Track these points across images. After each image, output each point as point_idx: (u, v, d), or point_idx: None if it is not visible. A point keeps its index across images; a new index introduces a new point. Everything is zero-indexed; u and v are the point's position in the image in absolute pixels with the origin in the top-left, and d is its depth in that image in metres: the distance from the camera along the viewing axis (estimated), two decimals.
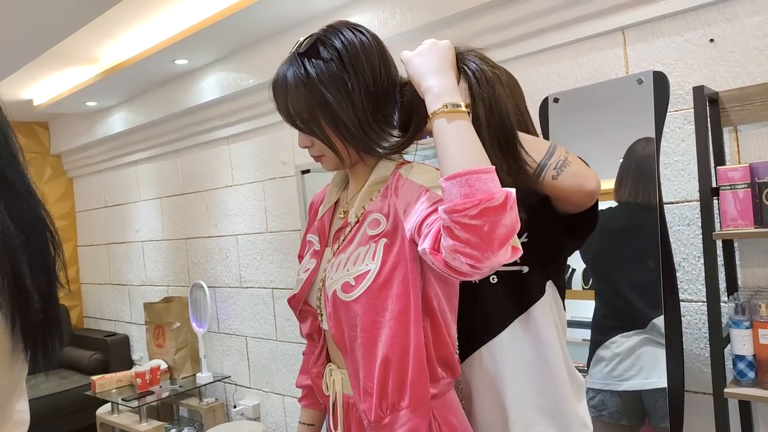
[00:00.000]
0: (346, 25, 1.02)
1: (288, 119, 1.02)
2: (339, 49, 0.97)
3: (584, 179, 1.02)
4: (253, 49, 2.93)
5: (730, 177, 1.52)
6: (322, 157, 1.05)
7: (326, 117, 0.98)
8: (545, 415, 1.18)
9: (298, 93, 0.98)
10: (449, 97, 0.84)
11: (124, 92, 3.64)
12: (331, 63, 0.97)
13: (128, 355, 4.25)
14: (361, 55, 0.98)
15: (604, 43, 1.94)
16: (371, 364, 0.96)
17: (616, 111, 1.77)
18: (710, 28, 1.74)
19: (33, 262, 0.53)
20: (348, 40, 0.99)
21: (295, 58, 0.99)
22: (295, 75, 0.98)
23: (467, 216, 0.74)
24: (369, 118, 0.98)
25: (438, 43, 0.92)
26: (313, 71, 0.97)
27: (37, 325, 0.53)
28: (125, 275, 4.37)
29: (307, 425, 1.24)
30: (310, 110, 0.98)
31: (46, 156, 4.69)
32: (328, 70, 0.97)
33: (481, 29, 2.15)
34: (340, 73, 0.97)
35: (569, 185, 1.03)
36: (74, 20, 2.53)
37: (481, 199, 0.75)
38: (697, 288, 1.79)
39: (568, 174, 1.02)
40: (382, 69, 1.01)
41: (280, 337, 3.19)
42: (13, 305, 0.51)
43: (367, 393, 0.97)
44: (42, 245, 0.55)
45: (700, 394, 1.76)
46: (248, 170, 3.31)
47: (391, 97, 1.02)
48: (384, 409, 0.96)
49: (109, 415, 3.28)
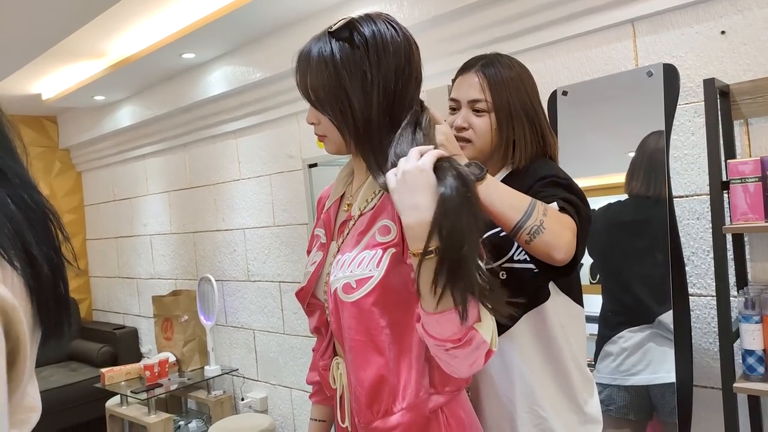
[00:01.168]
0: (383, 18, 1.01)
1: (303, 92, 1.02)
2: (368, 38, 0.97)
3: (554, 250, 1.03)
4: (260, 43, 2.93)
5: (741, 170, 1.50)
6: (325, 138, 1.04)
7: (338, 101, 0.98)
8: (553, 412, 1.18)
9: (319, 70, 0.97)
10: (418, 243, 0.84)
11: (131, 86, 3.65)
12: (357, 50, 0.97)
13: (137, 347, 4.28)
14: (389, 49, 0.98)
15: (614, 35, 1.93)
16: (362, 370, 0.96)
17: (625, 104, 1.75)
18: (721, 19, 1.72)
19: (38, 236, 0.53)
20: (379, 32, 0.98)
21: (324, 36, 0.99)
22: (320, 52, 0.98)
23: (442, 350, 0.87)
24: (378, 117, 0.97)
25: (408, 173, 0.85)
26: (337, 53, 0.96)
27: (49, 299, 0.52)
28: (134, 269, 4.39)
29: (319, 421, 1.24)
30: (325, 89, 0.98)
31: (55, 150, 4.71)
32: (352, 57, 0.96)
33: (489, 22, 2.13)
34: (362, 62, 0.96)
35: (540, 252, 1.04)
36: (82, 14, 2.54)
37: (445, 340, 0.85)
38: (707, 282, 1.77)
39: (540, 242, 1.03)
40: (406, 70, 0.99)
41: (288, 330, 3.20)
42: (25, 272, 0.51)
43: (357, 397, 0.98)
44: (44, 223, 0.54)
45: (709, 389, 1.75)
46: (255, 164, 3.31)
47: (407, 102, 1.01)
48: (375, 412, 0.96)
49: (118, 407, 3.31)
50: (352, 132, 0.99)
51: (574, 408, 1.20)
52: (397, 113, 0.99)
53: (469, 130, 1.22)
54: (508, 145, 1.22)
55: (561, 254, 1.04)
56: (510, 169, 1.24)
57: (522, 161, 1.22)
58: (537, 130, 1.23)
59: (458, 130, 1.24)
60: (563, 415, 1.18)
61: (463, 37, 2.22)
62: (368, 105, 0.97)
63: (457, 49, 2.24)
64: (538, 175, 1.17)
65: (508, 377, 1.18)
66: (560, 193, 1.11)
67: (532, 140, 1.22)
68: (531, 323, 1.17)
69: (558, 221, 1.05)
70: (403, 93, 1.00)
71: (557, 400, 1.18)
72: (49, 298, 0.52)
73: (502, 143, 1.22)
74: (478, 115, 1.22)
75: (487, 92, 1.21)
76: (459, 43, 2.24)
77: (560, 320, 1.18)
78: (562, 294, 1.20)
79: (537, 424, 1.17)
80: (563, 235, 1.03)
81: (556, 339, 1.18)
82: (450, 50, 2.27)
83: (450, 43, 2.27)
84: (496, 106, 1.21)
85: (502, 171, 1.26)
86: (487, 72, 1.22)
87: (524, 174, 1.21)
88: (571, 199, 1.10)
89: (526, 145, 1.22)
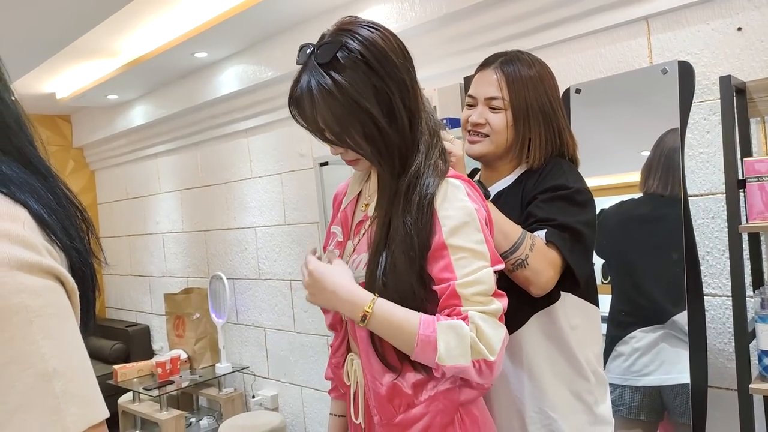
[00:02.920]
0: (359, 24, 0.96)
1: (316, 132, 0.97)
2: (362, 52, 0.92)
3: (532, 285, 1.10)
4: (272, 42, 2.93)
5: (757, 169, 1.48)
6: (356, 161, 1.02)
7: (360, 125, 0.93)
8: (562, 412, 1.17)
9: (327, 105, 0.92)
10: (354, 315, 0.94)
11: (144, 85, 3.68)
12: (359, 68, 0.92)
13: (149, 345, 4.32)
14: (385, 52, 0.94)
15: (628, 32, 1.91)
16: (382, 366, 0.97)
17: (639, 102, 1.73)
18: (738, 16, 1.70)
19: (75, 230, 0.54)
20: (367, 40, 0.93)
21: (315, 68, 0.93)
22: (320, 86, 0.92)
23: None
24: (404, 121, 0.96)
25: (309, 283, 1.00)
26: (341, 80, 0.91)
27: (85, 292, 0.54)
28: (146, 266, 4.42)
29: (339, 416, 1.24)
30: (340, 122, 0.93)
31: (69, 149, 4.76)
32: (356, 76, 0.92)
33: (501, 20, 2.12)
34: (367, 77, 0.92)
35: (519, 282, 1.12)
36: (95, 14, 2.56)
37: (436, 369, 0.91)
38: (722, 282, 1.75)
39: (520, 275, 1.10)
40: (406, 64, 0.98)
41: (298, 328, 3.21)
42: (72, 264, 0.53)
43: (377, 393, 0.98)
44: (77, 218, 0.56)
45: (724, 390, 1.73)
46: (267, 163, 3.32)
47: (419, 95, 1.00)
48: (396, 407, 0.96)
49: (131, 404, 3.33)
50: (382, 147, 0.96)
51: (584, 408, 1.19)
52: (414, 107, 0.99)
53: (486, 126, 1.22)
54: (524, 143, 1.22)
55: (537, 291, 1.11)
56: (525, 167, 1.24)
57: (537, 160, 1.21)
58: (554, 129, 1.22)
59: (474, 126, 1.23)
60: (573, 415, 1.18)
61: (475, 35, 2.21)
62: (392, 116, 0.95)
63: (469, 47, 2.23)
64: (545, 184, 1.17)
65: (518, 377, 1.18)
66: (558, 215, 1.12)
67: (548, 139, 1.21)
68: (540, 324, 1.17)
69: (543, 258, 1.09)
70: (412, 87, 0.99)
71: (567, 400, 1.18)
72: (84, 290, 0.53)
73: (518, 141, 1.22)
74: (494, 111, 1.21)
75: (505, 90, 1.20)
76: (470, 41, 2.23)
77: (570, 321, 1.18)
78: (574, 295, 1.20)
79: (546, 425, 1.17)
80: (544, 273, 1.09)
81: (566, 340, 1.17)
82: (461, 48, 2.26)
83: (461, 41, 2.26)
84: (512, 104, 1.20)
85: (518, 170, 1.25)
86: (506, 69, 1.22)
87: (537, 177, 1.20)
88: (566, 224, 1.11)
89: (542, 144, 1.21)
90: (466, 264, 0.91)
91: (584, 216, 1.14)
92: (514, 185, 1.24)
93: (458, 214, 0.93)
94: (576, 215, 1.12)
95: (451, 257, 0.91)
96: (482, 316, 0.90)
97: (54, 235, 0.51)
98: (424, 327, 0.88)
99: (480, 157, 1.26)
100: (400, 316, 0.90)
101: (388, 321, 0.91)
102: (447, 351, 0.88)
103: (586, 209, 1.16)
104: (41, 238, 0.49)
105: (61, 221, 0.52)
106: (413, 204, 0.93)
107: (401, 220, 0.93)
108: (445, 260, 0.91)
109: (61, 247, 0.51)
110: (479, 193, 1.00)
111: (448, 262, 0.91)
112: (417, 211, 0.93)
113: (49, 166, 0.56)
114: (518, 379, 1.18)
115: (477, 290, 0.91)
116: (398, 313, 0.91)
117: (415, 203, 0.93)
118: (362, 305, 0.92)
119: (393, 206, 0.96)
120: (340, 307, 0.96)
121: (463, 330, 0.88)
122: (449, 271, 0.91)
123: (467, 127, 1.26)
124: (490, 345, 0.89)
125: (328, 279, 0.96)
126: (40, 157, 0.56)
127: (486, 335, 0.89)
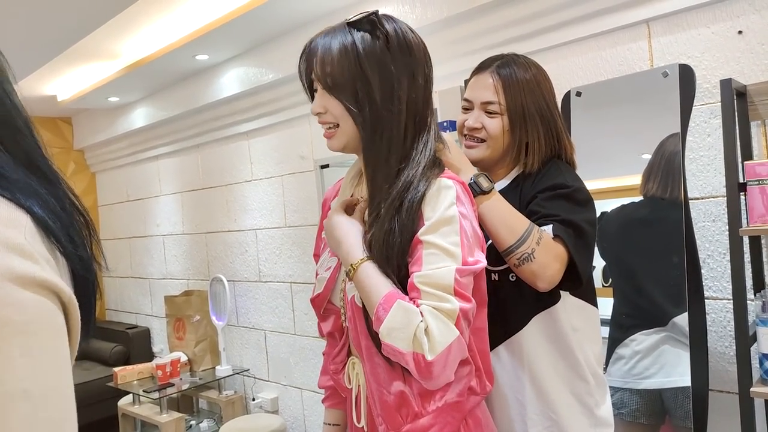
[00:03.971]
0: (397, 19, 1.02)
1: (319, 77, 0.98)
2: (389, 34, 0.97)
3: (539, 280, 1.07)
4: (273, 45, 2.94)
5: (758, 172, 1.48)
6: (331, 130, 1.01)
7: (359, 88, 0.96)
8: (563, 414, 1.17)
9: (340, 57, 0.96)
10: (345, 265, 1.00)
11: (145, 88, 3.68)
12: (379, 42, 0.96)
13: (149, 347, 4.31)
14: (412, 48, 0.99)
15: (628, 35, 1.91)
16: (389, 374, 0.96)
17: (640, 105, 1.74)
18: (738, 19, 1.70)
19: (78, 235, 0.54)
20: (401, 30, 0.99)
21: (343, 28, 0.98)
22: (341, 43, 0.97)
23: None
24: (402, 115, 0.97)
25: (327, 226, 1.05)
26: (360, 44, 0.96)
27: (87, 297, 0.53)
28: (146, 269, 4.42)
29: (333, 426, 1.22)
30: (344, 75, 0.96)
31: (70, 151, 4.76)
32: (375, 49, 0.96)
33: (502, 22, 2.12)
34: (384, 55, 0.96)
35: (525, 277, 1.09)
36: (96, 16, 2.56)
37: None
38: (722, 285, 1.75)
39: (527, 269, 1.07)
40: (426, 71, 1.01)
41: (299, 331, 3.21)
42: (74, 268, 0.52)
43: (383, 402, 0.97)
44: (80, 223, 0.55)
45: (725, 394, 1.73)
46: (267, 165, 3.32)
47: (429, 104, 1.02)
48: (404, 416, 0.96)
49: (131, 406, 3.33)
50: (368, 123, 0.97)
51: (584, 411, 1.19)
52: (419, 107, 0.99)
53: (482, 130, 1.22)
54: (521, 147, 1.22)
55: (544, 285, 1.08)
56: (521, 169, 1.24)
57: (535, 164, 1.21)
58: (552, 133, 1.22)
59: (470, 130, 1.23)
60: (574, 417, 1.18)
61: (476, 38, 2.22)
62: (390, 99, 0.96)
63: (470, 50, 2.23)
64: (544, 184, 1.17)
65: (518, 379, 1.18)
66: (561, 212, 1.11)
67: (547, 143, 1.21)
68: (541, 325, 1.17)
69: (549, 252, 1.07)
70: (424, 89, 1.00)
71: (568, 402, 1.18)
72: (86, 296, 0.53)
73: (515, 145, 1.21)
74: (490, 116, 1.21)
75: (501, 94, 1.20)
76: (472, 44, 2.23)
77: (571, 322, 1.18)
78: (573, 296, 1.20)
79: (547, 426, 1.17)
80: (550, 267, 1.07)
81: (567, 341, 1.17)
82: (463, 51, 2.26)
83: (463, 44, 2.26)
84: (509, 109, 1.20)
85: (513, 171, 1.25)
86: (502, 73, 1.21)
87: (534, 177, 1.20)
88: (570, 220, 1.10)
89: (540, 147, 1.21)
90: (433, 261, 0.90)
91: (586, 214, 1.14)
92: (510, 187, 1.24)
93: (441, 213, 0.93)
94: (578, 213, 1.12)
95: (423, 251, 0.92)
96: (433, 311, 0.87)
97: (58, 241, 0.50)
98: (385, 300, 0.89)
99: (477, 162, 1.26)
100: (374, 282, 0.92)
101: (364, 283, 0.93)
102: (389, 329, 0.87)
103: (586, 208, 1.16)
104: (42, 246, 0.48)
105: (65, 227, 0.52)
106: (404, 207, 0.94)
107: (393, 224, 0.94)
108: (417, 254, 0.92)
109: (64, 253, 0.51)
110: (470, 198, 1.00)
111: (419, 255, 0.92)
112: (406, 213, 0.94)
113: (57, 171, 0.56)
114: (519, 380, 1.17)
115: (434, 285, 0.88)
116: (375, 279, 0.93)
117: (406, 205, 0.95)
118: (352, 261, 0.96)
119: (387, 213, 0.96)
120: (340, 255, 1.01)
121: (415, 317, 0.86)
122: (418, 265, 0.91)
123: (463, 132, 1.26)
124: (433, 343, 0.85)
125: (338, 227, 1.01)
126: (48, 161, 0.55)
127: (432, 333, 0.86)
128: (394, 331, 0.87)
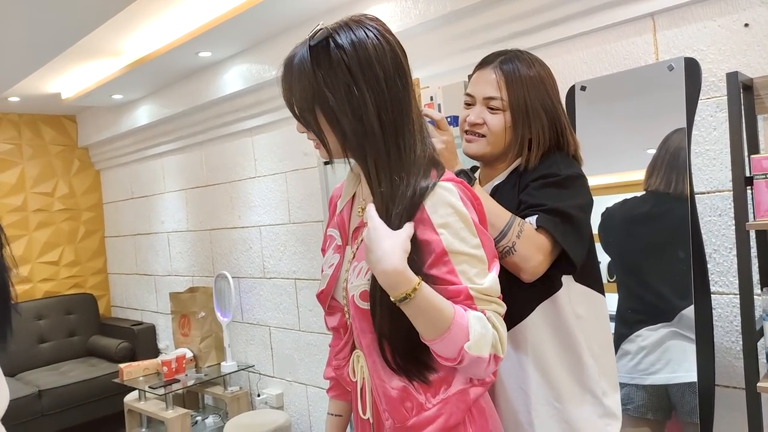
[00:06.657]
0: (363, 23, 0.97)
1: (288, 104, 1.01)
2: (347, 51, 0.94)
3: (521, 271, 1.11)
4: (276, 41, 2.93)
5: (765, 166, 1.47)
6: (318, 146, 1.04)
7: (325, 115, 0.96)
8: (569, 403, 1.17)
9: (300, 83, 0.96)
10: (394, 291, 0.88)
11: (149, 85, 3.69)
12: (339, 65, 0.94)
13: (154, 343, 4.33)
14: (372, 60, 0.94)
15: (633, 29, 1.90)
16: (390, 371, 0.97)
17: (645, 99, 1.72)
18: (745, 12, 1.69)
19: None
20: (359, 42, 0.94)
21: (303, 47, 0.98)
22: (301, 64, 0.96)
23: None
24: (377, 129, 0.95)
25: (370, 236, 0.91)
26: (318, 69, 0.94)
27: None
28: (151, 265, 4.44)
29: (336, 416, 1.24)
30: (308, 103, 0.96)
31: (74, 149, 4.77)
32: (333, 74, 0.94)
33: (506, 17, 2.11)
34: (345, 77, 0.93)
35: (508, 268, 1.11)
36: (100, 14, 2.56)
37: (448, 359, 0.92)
38: (729, 280, 1.74)
39: (509, 261, 1.10)
40: (395, 78, 0.96)
41: (303, 327, 3.21)
42: None
43: (388, 397, 0.98)
44: None
45: (731, 389, 1.72)
46: (271, 162, 3.32)
47: (403, 108, 0.97)
48: (408, 410, 0.96)
49: (137, 402, 3.34)
50: (349, 135, 0.96)
51: (591, 399, 1.19)
52: (398, 121, 0.97)
53: (483, 126, 1.21)
54: (524, 143, 1.21)
55: (527, 276, 1.10)
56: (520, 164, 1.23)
57: (535, 159, 1.20)
58: (557, 129, 1.21)
59: (472, 126, 1.23)
60: (580, 406, 1.17)
61: (480, 32, 2.21)
62: (359, 121, 0.95)
63: (473, 44, 2.22)
64: (538, 173, 1.17)
65: (522, 368, 1.17)
66: (548, 201, 1.12)
67: (551, 139, 1.21)
68: (544, 313, 1.16)
69: (531, 244, 1.08)
70: (397, 101, 0.97)
71: (573, 391, 1.17)
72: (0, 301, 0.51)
73: (517, 141, 1.21)
74: (492, 112, 1.21)
75: (504, 90, 1.19)
76: (475, 38, 2.22)
77: (575, 310, 1.17)
78: (577, 283, 1.19)
79: (552, 415, 1.16)
80: (533, 258, 1.09)
81: (570, 329, 1.17)
82: (466, 46, 2.25)
83: (466, 38, 2.26)
84: (511, 105, 1.19)
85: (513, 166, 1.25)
86: (505, 69, 1.21)
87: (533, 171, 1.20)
88: (555, 208, 1.11)
89: (543, 144, 1.20)
90: (467, 269, 0.93)
91: (575, 200, 1.14)
92: (509, 179, 1.23)
93: (453, 220, 0.93)
94: (566, 199, 1.12)
95: (453, 263, 0.93)
96: (497, 315, 0.94)
97: None
98: (459, 314, 0.90)
99: (477, 157, 1.25)
100: (438, 302, 0.90)
101: (431, 301, 0.89)
102: (475, 340, 0.89)
103: (577, 193, 1.15)
104: None
105: None
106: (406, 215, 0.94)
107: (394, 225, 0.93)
108: (448, 266, 0.93)
109: None
110: (472, 194, 1.00)
111: (452, 268, 0.93)
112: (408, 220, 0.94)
113: None
114: (523, 370, 1.17)
115: (489, 293, 0.94)
116: (437, 299, 0.91)
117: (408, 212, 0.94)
118: (410, 282, 0.88)
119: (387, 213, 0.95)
120: (378, 276, 0.90)
121: (486, 324, 0.92)
122: (453, 275, 0.92)
123: (464, 127, 1.25)
124: (504, 343, 0.94)
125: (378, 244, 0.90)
126: None
127: (501, 333, 0.93)
128: (478, 343, 0.90)
